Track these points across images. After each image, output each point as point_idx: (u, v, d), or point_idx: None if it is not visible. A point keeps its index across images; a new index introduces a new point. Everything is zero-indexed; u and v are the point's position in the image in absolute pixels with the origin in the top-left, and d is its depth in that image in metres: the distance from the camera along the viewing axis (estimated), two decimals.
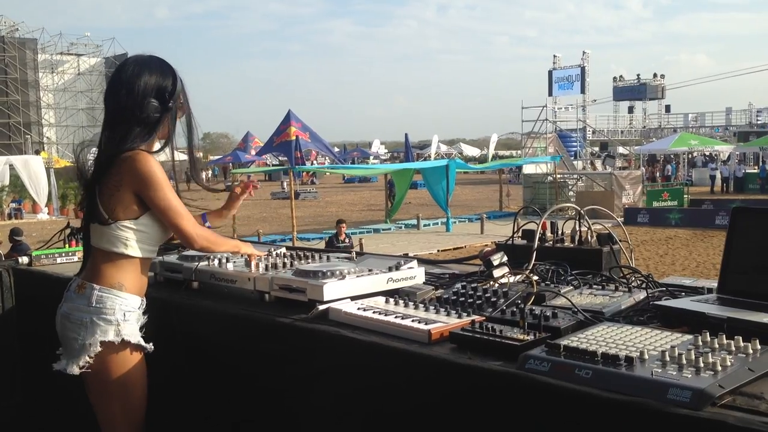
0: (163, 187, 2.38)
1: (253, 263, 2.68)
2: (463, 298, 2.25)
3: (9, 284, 3.56)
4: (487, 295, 2.23)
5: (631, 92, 54.68)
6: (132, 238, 2.41)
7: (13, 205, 29.79)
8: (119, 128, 2.39)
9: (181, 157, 2.70)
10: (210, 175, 55.95)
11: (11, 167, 28.91)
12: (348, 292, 2.35)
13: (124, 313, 2.39)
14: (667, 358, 1.52)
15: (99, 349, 2.34)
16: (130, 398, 2.44)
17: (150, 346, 2.45)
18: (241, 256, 2.84)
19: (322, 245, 16.71)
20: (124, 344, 2.39)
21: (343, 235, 14.60)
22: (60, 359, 2.42)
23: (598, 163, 41.56)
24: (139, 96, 2.39)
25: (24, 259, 3.63)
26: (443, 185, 23.14)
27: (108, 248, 2.39)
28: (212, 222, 2.81)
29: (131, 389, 2.44)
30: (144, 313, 2.48)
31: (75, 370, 2.35)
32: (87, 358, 2.34)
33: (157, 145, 2.49)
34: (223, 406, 2.58)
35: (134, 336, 2.40)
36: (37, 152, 38.56)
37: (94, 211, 2.39)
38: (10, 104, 47.23)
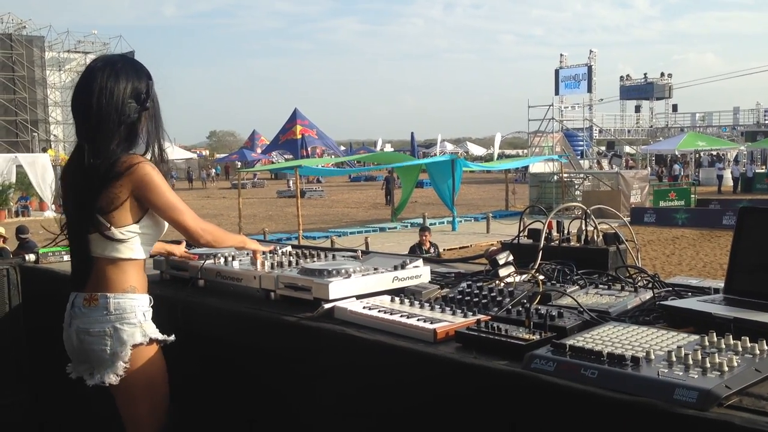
0: (161, 188, 2.39)
1: (258, 261, 2.69)
2: (468, 298, 2.25)
3: (16, 281, 3.57)
4: (492, 294, 2.23)
5: (638, 91, 54.59)
6: (136, 242, 2.42)
7: (21, 202, 29.90)
8: (104, 135, 2.36)
9: (186, 155, 2.71)
10: (213, 174, 55.95)
11: (18, 165, 29.01)
12: (353, 290, 2.35)
13: (143, 313, 2.42)
14: (674, 359, 1.52)
15: (133, 351, 2.36)
16: (157, 396, 2.47)
17: (172, 338, 2.46)
18: (247, 254, 2.84)
19: (327, 244, 16.71)
20: (150, 342, 2.42)
21: (428, 244, 12.60)
22: (91, 375, 2.41)
23: (605, 163, 41.49)
24: (120, 99, 2.37)
25: (31, 257, 3.64)
26: (449, 184, 23.13)
27: (114, 256, 2.40)
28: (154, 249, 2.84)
29: (157, 387, 2.47)
30: None
31: (113, 379, 2.36)
32: (123, 365, 2.35)
33: (141, 146, 2.46)
34: (229, 403, 2.59)
35: (156, 332, 2.44)
36: (45, 150, 38.73)
37: (93, 222, 2.37)
38: (17, 102, 47.37)
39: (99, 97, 2.36)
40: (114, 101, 2.36)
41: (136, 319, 2.39)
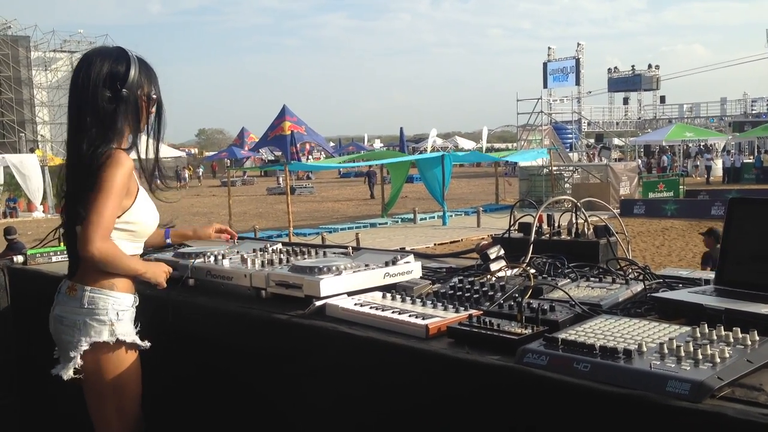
0: (109, 183, 2.27)
1: (249, 261, 2.66)
2: (460, 293, 2.24)
3: (4, 283, 3.54)
4: (484, 289, 2.23)
5: (626, 83, 54.83)
6: (118, 237, 2.38)
7: (9, 203, 29.72)
8: (79, 125, 2.32)
9: (175, 153, 2.68)
10: (201, 173, 55.26)
11: (6, 166, 28.82)
12: (345, 287, 2.34)
13: (117, 312, 2.37)
14: (666, 351, 1.52)
15: (87, 348, 2.32)
16: (125, 398, 2.43)
17: (146, 344, 2.43)
18: (237, 252, 2.80)
19: (318, 240, 16.68)
20: (119, 344, 2.37)
21: None
22: (58, 363, 2.40)
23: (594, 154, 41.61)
24: (91, 87, 2.31)
25: (19, 258, 3.61)
26: (439, 178, 23.13)
27: None
28: (173, 239, 2.79)
29: (126, 389, 2.42)
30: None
31: (69, 373, 2.33)
32: (78, 360, 2.32)
33: (128, 141, 2.40)
34: (220, 403, 2.57)
35: (129, 335, 2.39)
36: (32, 150, 38.45)
37: (78, 215, 2.32)
38: (3, 102, 47.00)
39: (75, 85, 2.34)
40: (86, 88, 2.31)
41: (106, 317, 2.35)
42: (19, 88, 48.09)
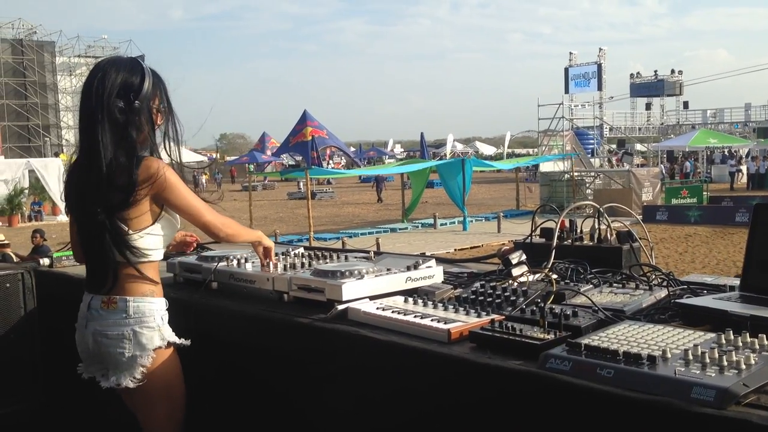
0: (180, 190, 2.38)
1: (271, 261, 2.66)
2: (482, 297, 2.24)
3: (30, 285, 3.59)
4: (506, 294, 2.22)
5: (648, 88, 54.35)
6: (153, 244, 2.42)
7: (34, 207, 30.09)
8: (90, 134, 2.32)
9: (197, 158, 2.70)
10: (220, 179, 55.06)
11: (31, 170, 29.19)
12: (367, 291, 2.35)
13: (161, 317, 2.43)
14: (690, 357, 1.51)
15: (154, 355, 2.36)
16: (174, 398, 2.48)
17: (187, 342, 2.46)
18: (259, 256, 2.81)
19: (339, 245, 16.71)
20: (168, 346, 2.42)
21: None
22: (105, 376, 2.41)
23: (615, 160, 41.30)
24: (105, 96, 2.31)
25: (45, 261, 3.67)
26: (460, 184, 23.09)
27: (133, 259, 2.37)
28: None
29: (174, 389, 2.47)
30: None
31: (129, 383, 2.36)
32: (141, 369, 2.36)
33: (142, 149, 2.38)
34: (243, 405, 2.59)
35: (173, 336, 2.44)
36: (57, 154, 38.94)
37: (112, 226, 2.33)
38: (29, 107, 47.66)
39: (87, 93, 2.34)
40: (99, 97, 2.31)
41: (155, 323, 2.39)
42: (44, 93, 48.74)
